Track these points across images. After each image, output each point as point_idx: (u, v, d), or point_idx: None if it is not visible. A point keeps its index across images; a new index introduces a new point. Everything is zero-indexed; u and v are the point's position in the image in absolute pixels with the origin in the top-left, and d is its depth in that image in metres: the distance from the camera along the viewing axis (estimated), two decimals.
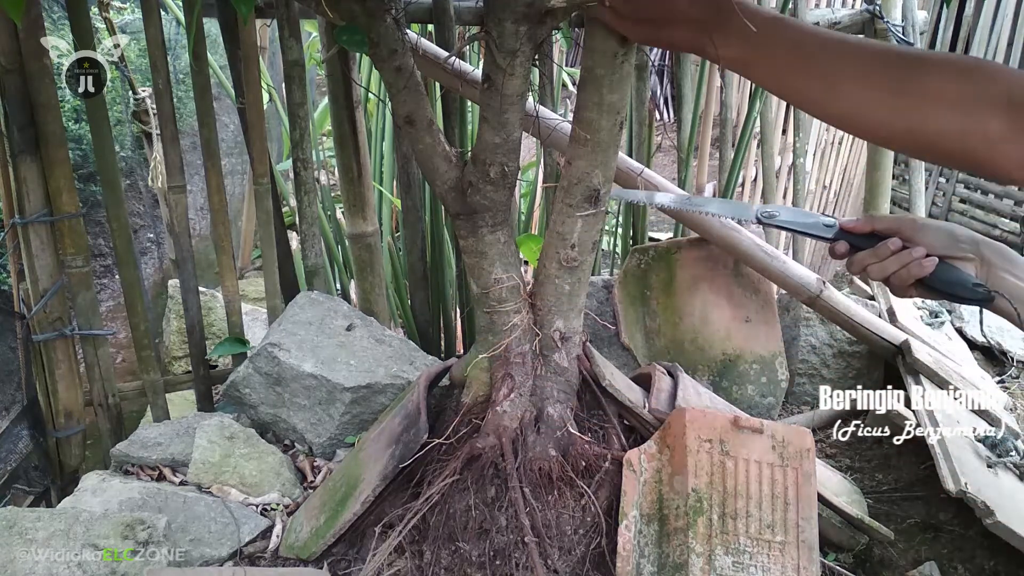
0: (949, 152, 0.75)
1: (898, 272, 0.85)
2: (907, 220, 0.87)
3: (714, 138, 2.64)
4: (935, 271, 0.84)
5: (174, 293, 2.74)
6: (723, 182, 2.27)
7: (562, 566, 1.21)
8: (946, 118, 0.73)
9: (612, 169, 1.15)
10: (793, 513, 1.19)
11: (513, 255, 1.25)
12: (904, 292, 0.88)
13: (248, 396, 1.75)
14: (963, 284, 0.84)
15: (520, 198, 2.89)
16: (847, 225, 0.90)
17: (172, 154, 1.79)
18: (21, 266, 1.72)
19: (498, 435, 1.25)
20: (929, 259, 0.84)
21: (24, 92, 1.55)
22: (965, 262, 0.84)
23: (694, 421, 1.23)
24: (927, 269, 0.84)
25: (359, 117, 1.88)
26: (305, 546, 1.36)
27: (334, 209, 2.74)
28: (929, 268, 0.84)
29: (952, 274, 0.84)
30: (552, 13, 0.96)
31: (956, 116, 0.73)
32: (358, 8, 1.00)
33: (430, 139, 1.13)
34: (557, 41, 2.59)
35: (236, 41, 1.79)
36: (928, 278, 0.84)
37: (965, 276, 0.84)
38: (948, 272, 0.84)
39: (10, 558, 1.20)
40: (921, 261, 0.84)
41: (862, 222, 0.89)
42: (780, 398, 1.94)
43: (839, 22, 2.21)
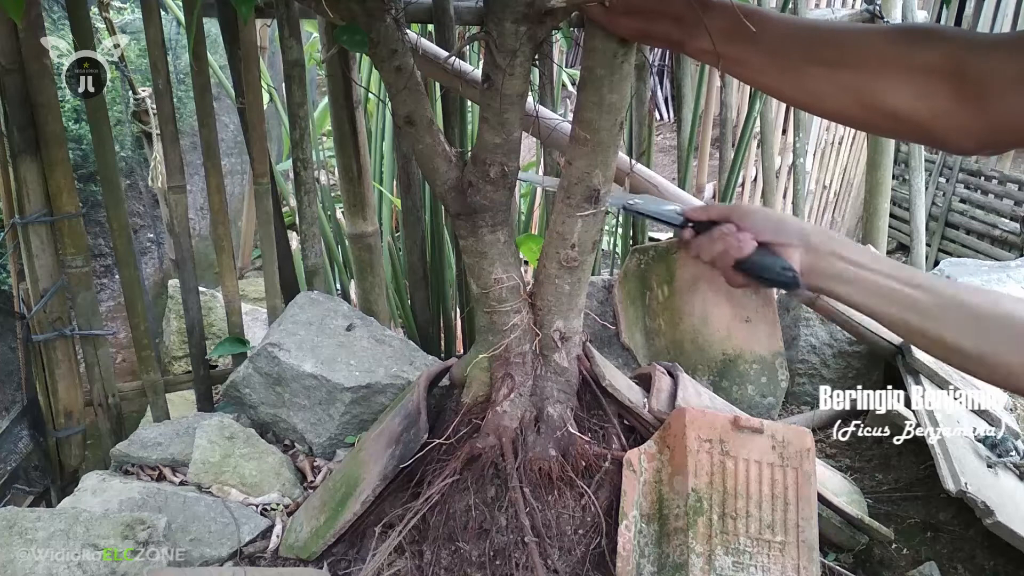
0: (906, 125, 0.74)
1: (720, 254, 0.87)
2: (739, 208, 0.88)
3: (714, 138, 2.64)
4: (751, 255, 0.85)
5: (174, 293, 2.74)
6: (723, 182, 2.27)
7: (562, 566, 1.21)
8: (900, 90, 0.72)
9: (612, 169, 1.15)
10: (793, 513, 1.19)
11: (513, 255, 1.24)
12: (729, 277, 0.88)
13: (248, 396, 1.75)
14: (771, 268, 0.84)
15: (520, 198, 2.89)
16: (688, 212, 0.92)
17: (172, 154, 1.79)
18: (21, 266, 1.72)
19: (498, 435, 1.25)
20: (747, 243, 0.85)
21: (24, 92, 1.55)
22: (788, 248, 0.84)
23: (694, 421, 1.23)
24: (743, 251, 0.85)
25: (359, 117, 1.88)
26: (305, 546, 1.36)
27: (334, 209, 2.74)
28: (745, 250, 0.85)
29: (765, 259, 0.85)
30: (552, 13, 0.96)
31: (909, 87, 0.72)
32: (358, 8, 1.00)
33: (430, 139, 1.13)
34: (557, 41, 2.59)
35: (236, 41, 1.79)
36: (743, 261, 0.85)
37: (775, 260, 0.84)
38: (762, 256, 0.85)
39: (10, 558, 1.20)
40: (740, 243, 0.85)
41: (700, 210, 0.91)
42: (780, 398, 1.94)
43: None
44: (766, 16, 0.81)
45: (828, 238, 0.83)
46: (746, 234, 0.85)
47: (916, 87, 0.71)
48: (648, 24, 0.88)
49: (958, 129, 0.71)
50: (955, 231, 5.22)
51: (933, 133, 0.73)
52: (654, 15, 0.87)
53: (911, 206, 2.44)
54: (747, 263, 0.85)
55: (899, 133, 0.80)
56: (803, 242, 0.83)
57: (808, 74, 0.78)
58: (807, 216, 3.30)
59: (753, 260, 0.85)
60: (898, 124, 0.75)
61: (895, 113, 0.74)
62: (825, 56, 0.77)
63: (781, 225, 0.85)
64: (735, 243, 0.85)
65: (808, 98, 0.81)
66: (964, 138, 0.71)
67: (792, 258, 0.83)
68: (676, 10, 0.84)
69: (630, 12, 0.88)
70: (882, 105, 0.74)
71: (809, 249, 0.83)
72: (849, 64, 0.75)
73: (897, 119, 0.74)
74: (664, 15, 0.86)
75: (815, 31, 0.80)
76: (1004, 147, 0.72)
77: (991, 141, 0.70)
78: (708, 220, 0.90)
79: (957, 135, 0.71)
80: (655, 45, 0.98)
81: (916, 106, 0.72)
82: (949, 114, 0.70)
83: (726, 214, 0.87)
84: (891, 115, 0.74)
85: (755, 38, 0.78)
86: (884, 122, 0.76)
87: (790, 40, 0.79)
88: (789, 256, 0.83)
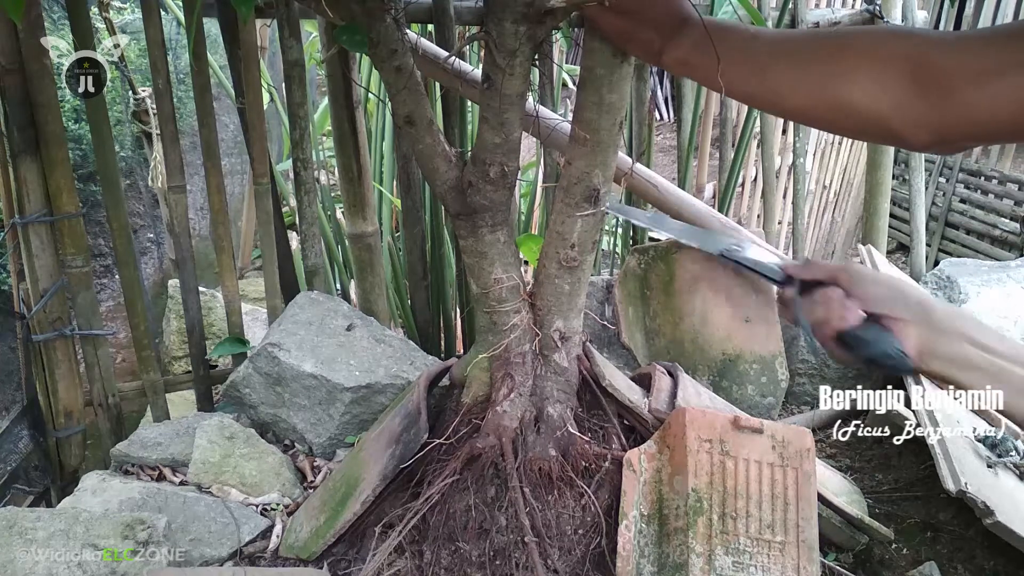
0: (865, 120, 0.73)
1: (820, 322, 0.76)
2: (850, 269, 0.77)
3: (714, 138, 2.64)
4: (856, 327, 0.73)
5: (174, 293, 2.74)
6: (723, 182, 2.27)
7: (562, 566, 1.21)
8: (862, 83, 0.72)
9: (612, 169, 1.15)
10: (793, 513, 1.19)
11: (513, 255, 1.25)
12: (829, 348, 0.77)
13: (248, 396, 1.75)
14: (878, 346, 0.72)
15: (520, 198, 2.89)
16: (789, 269, 0.82)
17: (172, 154, 1.79)
18: (21, 266, 1.72)
19: (498, 435, 1.25)
20: (852, 312, 0.74)
21: (24, 92, 1.55)
22: (902, 324, 0.72)
23: (694, 421, 1.23)
24: (847, 322, 0.74)
25: (359, 117, 1.88)
26: (305, 546, 1.36)
27: (334, 209, 2.74)
28: (849, 321, 0.74)
29: (872, 334, 0.73)
30: (552, 13, 0.96)
31: (871, 80, 0.71)
32: (358, 8, 1.00)
33: (430, 139, 1.13)
34: (557, 41, 2.59)
35: (236, 41, 1.79)
36: (845, 333, 0.74)
37: (885, 338, 0.72)
38: (869, 331, 0.73)
39: (10, 558, 1.20)
40: (843, 313, 0.74)
41: (802, 267, 0.81)
42: (780, 398, 1.94)
43: (839, 22, 2.22)
44: (731, 27, 0.82)
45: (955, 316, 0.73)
46: (854, 301, 0.75)
47: (878, 80, 0.71)
48: (634, 28, 0.89)
49: (915, 122, 0.69)
50: (955, 231, 5.21)
51: (891, 127, 0.71)
52: (641, 20, 0.88)
53: (911, 206, 2.44)
54: (850, 336, 0.74)
55: (859, 130, 0.78)
56: (923, 318, 0.72)
57: (772, 72, 0.78)
58: (807, 216, 3.30)
59: (857, 334, 0.73)
60: (858, 119, 0.74)
61: (856, 107, 0.73)
62: (791, 53, 0.77)
63: (897, 296, 0.74)
64: (839, 312, 0.74)
65: (772, 96, 0.80)
66: (920, 131, 0.70)
67: (906, 335, 0.71)
68: (661, 18, 0.86)
69: (620, 13, 0.89)
70: (845, 99, 0.73)
71: (930, 327, 0.72)
72: (816, 59, 0.75)
73: (858, 114, 0.73)
74: (649, 22, 0.87)
75: (783, 34, 0.81)
76: (958, 142, 0.70)
77: (946, 135, 0.69)
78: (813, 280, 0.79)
79: (914, 128, 0.70)
80: (633, 51, 0.97)
81: (877, 99, 0.71)
82: (907, 107, 0.69)
83: (834, 275, 0.77)
84: (852, 109, 0.73)
85: (723, 49, 0.79)
86: (845, 119, 0.75)
87: (756, 43, 0.79)
88: (901, 333, 0.72)
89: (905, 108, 0.69)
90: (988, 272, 2.42)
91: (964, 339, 0.70)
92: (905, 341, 0.72)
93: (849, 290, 0.75)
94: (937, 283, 2.37)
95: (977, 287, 2.29)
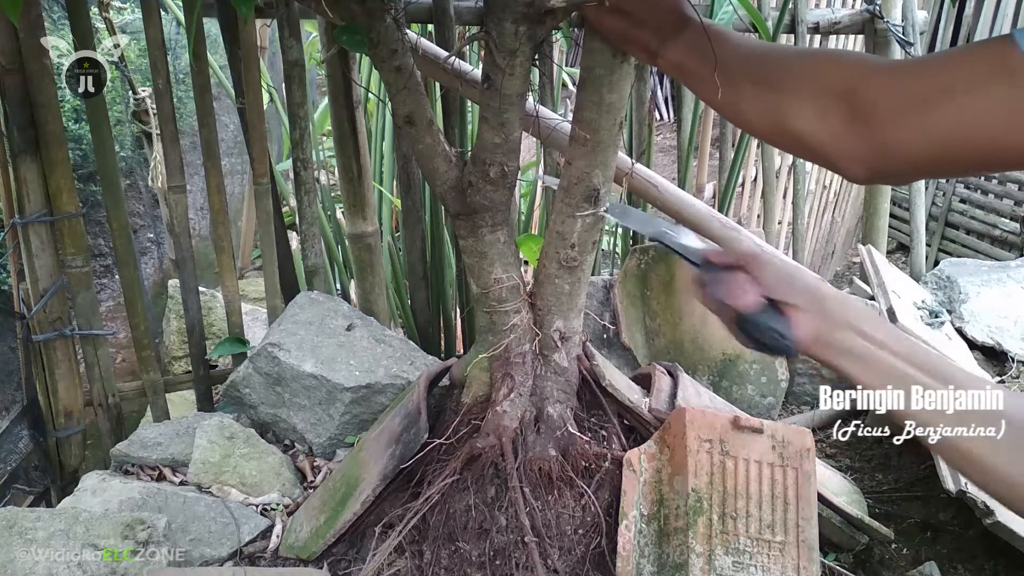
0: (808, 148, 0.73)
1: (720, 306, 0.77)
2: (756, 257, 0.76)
3: (714, 138, 2.64)
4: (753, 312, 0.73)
5: (174, 293, 2.74)
6: (723, 182, 2.27)
7: (562, 566, 1.21)
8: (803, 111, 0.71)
9: (612, 169, 1.15)
10: (793, 513, 1.19)
11: (513, 255, 1.24)
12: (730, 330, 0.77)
13: (248, 396, 1.75)
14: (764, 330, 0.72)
15: (520, 198, 2.89)
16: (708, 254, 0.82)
17: (172, 154, 1.79)
18: (21, 266, 1.72)
19: (498, 435, 1.25)
20: (751, 297, 0.74)
21: (24, 92, 1.55)
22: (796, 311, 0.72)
23: (694, 421, 1.23)
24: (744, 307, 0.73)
25: (359, 117, 1.88)
26: (305, 546, 1.36)
27: (334, 209, 2.73)
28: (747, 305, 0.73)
29: (762, 319, 0.73)
30: (552, 13, 0.96)
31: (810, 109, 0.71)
32: (358, 8, 1.00)
33: (430, 139, 1.13)
34: (557, 41, 2.59)
35: (236, 41, 1.79)
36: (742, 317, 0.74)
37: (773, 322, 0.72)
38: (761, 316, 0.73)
39: (10, 558, 1.20)
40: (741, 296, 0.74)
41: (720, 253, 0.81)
42: (780, 398, 1.94)
43: (839, 22, 2.21)
44: (727, 36, 0.81)
45: (847, 307, 0.72)
46: (756, 288, 0.74)
47: (816, 108, 0.70)
48: (632, 28, 0.89)
49: (848, 154, 0.69)
50: (955, 231, 5.21)
51: (829, 157, 0.71)
52: (639, 21, 0.88)
53: (911, 206, 2.44)
54: (745, 318, 0.74)
55: (805, 155, 0.78)
56: (815, 306, 0.72)
57: (740, 92, 0.78)
58: (807, 216, 3.30)
59: (750, 317, 0.73)
60: (802, 146, 0.74)
61: (798, 134, 0.72)
62: (756, 76, 0.77)
63: (793, 283, 0.73)
64: (738, 295, 0.74)
65: (737, 116, 0.81)
66: (855, 164, 0.69)
67: (797, 322, 0.71)
68: (659, 19, 0.86)
69: (619, 13, 0.89)
70: (789, 126, 0.73)
71: (822, 315, 0.71)
72: (770, 84, 0.75)
73: (800, 141, 0.73)
74: (647, 22, 0.87)
75: (762, 53, 0.80)
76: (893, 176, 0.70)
77: (880, 168, 0.68)
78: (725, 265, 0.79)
79: (848, 160, 0.69)
80: (631, 52, 0.97)
81: (815, 128, 0.70)
82: (841, 137, 0.68)
83: (742, 261, 0.77)
84: (796, 136, 0.73)
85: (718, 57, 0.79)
86: (796, 144, 0.75)
87: (739, 59, 0.79)
88: (793, 319, 0.71)
89: (840, 139, 0.69)
90: (988, 272, 2.42)
91: (853, 330, 0.70)
92: (795, 327, 0.71)
93: (753, 276, 0.75)
94: (937, 283, 2.37)
95: (977, 287, 2.29)
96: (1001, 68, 0.57)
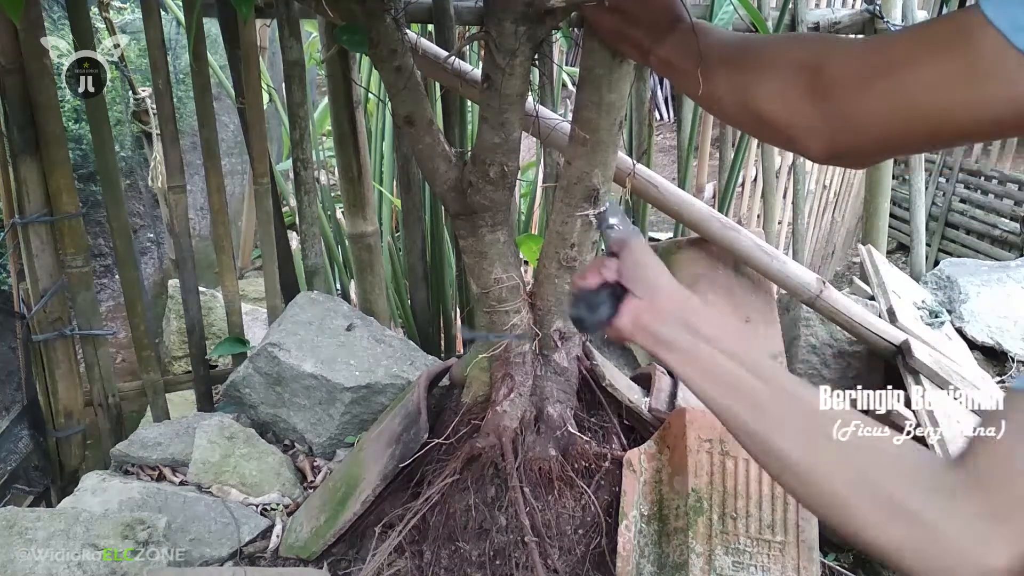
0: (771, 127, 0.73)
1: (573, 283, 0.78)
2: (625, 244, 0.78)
3: (714, 138, 2.64)
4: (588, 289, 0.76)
5: (174, 293, 2.74)
6: (723, 182, 2.27)
7: (562, 566, 1.21)
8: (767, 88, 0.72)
9: (611, 169, 1.15)
10: (793, 513, 1.19)
11: (513, 255, 1.25)
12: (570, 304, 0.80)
13: (248, 396, 1.75)
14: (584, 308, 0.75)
15: (520, 198, 2.89)
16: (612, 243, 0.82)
17: (172, 154, 1.79)
18: (21, 266, 1.72)
19: (498, 435, 1.25)
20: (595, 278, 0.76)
21: (24, 92, 1.55)
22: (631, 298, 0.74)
23: (694, 421, 1.23)
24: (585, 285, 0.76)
25: (359, 117, 1.88)
26: (305, 546, 1.36)
27: (334, 209, 2.74)
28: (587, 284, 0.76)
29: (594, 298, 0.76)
30: (552, 13, 0.96)
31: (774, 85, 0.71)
32: (358, 8, 1.00)
33: (430, 139, 1.13)
34: (557, 41, 2.59)
35: (236, 41, 1.79)
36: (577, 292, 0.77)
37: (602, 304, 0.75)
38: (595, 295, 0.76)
39: (10, 558, 1.20)
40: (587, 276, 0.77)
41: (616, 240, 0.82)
42: None
43: (839, 22, 2.21)
44: (713, 31, 0.82)
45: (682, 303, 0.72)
46: (609, 271, 0.76)
47: (778, 86, 0.70)
48: (625, 26, 0.90)
49: (808, 130, 0.69)
50: (955, 231, 5.21)
51: (790, 135, 0.71)
52: (632, 19, 0.89)
53: (911, 206, 2.44)
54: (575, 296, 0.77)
55: (772, 139, 0.77)
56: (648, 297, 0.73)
57: (716, 80, 0.78)
58: (807, 216, 3.30)
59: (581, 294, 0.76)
60: (768, 127, 0.74)
61: (764, 114, 0.73)
62: (729, 61, 0.77)
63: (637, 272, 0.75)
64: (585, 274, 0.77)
65: (712, 103, 0.81)
66: (814, 140, 0.69)
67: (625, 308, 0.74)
68: (653, 18, 0.86)
69: (614, 11, 0.89)
70: (752, 104, 0.73)
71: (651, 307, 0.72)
72: (738, 66, 0.76)
73: (762, 119, 0.73)
74: (641, 21, 0.88)
75: (740, 40, 0.81)
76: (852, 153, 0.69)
77: (838, 144, 0.68)
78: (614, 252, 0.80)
79: (807, 136, 0.69)
80: (624, 50, 0.97)
81: (779, 106, 0.71)
82: (801, 115, 0.69)
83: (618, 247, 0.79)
84: (758, 114, 0.73)
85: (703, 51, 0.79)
86: (761, 127, 0.75)
87: (719, 50, 0.79)
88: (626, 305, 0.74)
89: (800, 116, 0.69)
90: (988, 272, 2.42)
91: (681, 324, 0.71)
92: (622, 313, 0.74)
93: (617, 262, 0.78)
94: (937, 283, 2.37)
95: (977, 287, 2.29)
96: (959, 33, 0.56)
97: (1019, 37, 0.52)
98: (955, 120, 0.58)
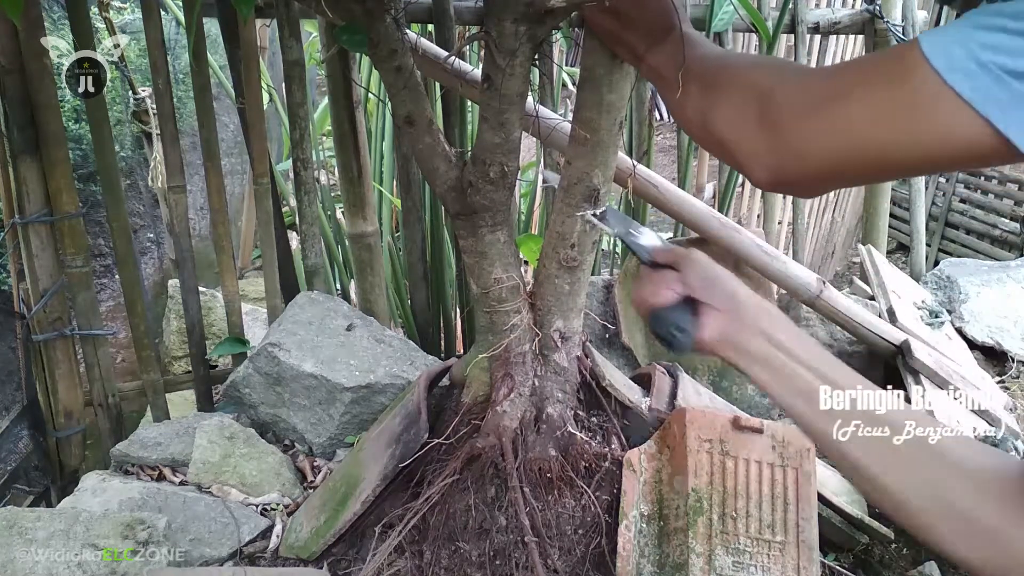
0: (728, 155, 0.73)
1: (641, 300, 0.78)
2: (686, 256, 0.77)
3: None
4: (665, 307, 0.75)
5: (174, 293, 2.74)
6: (723, 182, 2.27)
7: (562, 566, 1.21)
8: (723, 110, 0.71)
9: (612, 169, 1.15)
10: (793, 513, 1.19)
11: (513, 255, 1.24)
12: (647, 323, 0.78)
13: (248, 396, 1.75)
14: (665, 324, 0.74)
15: (520, 198, 2.89)
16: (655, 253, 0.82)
17: (172, 154, 1.79)
18: (21, 266, 1.72)
19: (498, 435, 1.25)
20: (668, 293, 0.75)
21: (24, 92, 1.55)
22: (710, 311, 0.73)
23: (694, 421, 1.23)
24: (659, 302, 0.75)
25: (359, 117, 1.88)
26: (305, 546, 1.36)
27: (334, 209, 2.74)
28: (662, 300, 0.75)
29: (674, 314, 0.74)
30: (552, 13, 0.96)
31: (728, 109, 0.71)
32: (358, 8, 1.00)
33: (430, 139, 1.13)
34: (557, 41, 2.59)
35: (236, 41, 1.79)
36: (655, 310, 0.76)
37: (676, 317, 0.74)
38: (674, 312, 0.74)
39: (10, 558, 1.20)
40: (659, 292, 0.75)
41: (664, 252, 0.81)
42: None
43: (839, 22, 2.21)
44: (700, 44, 0.82)
45: (763, 314, 0.72)
46: (676, 285, 0.75)
47: (734, 110, 0.70)
48: (622, 29, 0.90)
49: (754, 156, 0.69)
50: (955, 231, 5.21)
51: (737, 158, 0.71)
52: (630, 22, 0.88)
53: (911, 206, 2.44)
54: (655, 314, 0.76)
55: (724, 157, 0.77)
56: (729, 310, 0.73)
57: (688, 95, 0.78)
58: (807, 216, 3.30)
59: (661, 312, 0.75)
60: (720, 147, 0.74)
61: (716, 134, 0.73)
62: (702, 78, 0.77)
63: (712, 285, 0.74)
64: (657, 291, 0.76)
65: (683, 120, 0.81)
66: (759, 167, 0.69)
67: (707, 322, 0.73)
68: (648, 24, 0.86)
69: (612, 13, 0.89)
70: (711, 126, 0.73)
71: (733, 319, 0.72)
72: (707, 84, 0.76)
73: (719, 142, 0.73)
74: (637, 26, 0.87)
75: (718, 57, 0.80)
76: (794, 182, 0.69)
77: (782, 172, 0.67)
78: (663, 264, 0.80)
79: (753, 163, 0.69)
80: (619, 53, 0.97)
81: (729, 128, 0.71)
82: (749, 140, 0.68)
83: (675, 260, 0.78)
84: (715, 136, 0.73)
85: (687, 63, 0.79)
86: (713, 144, 0.75)
87: (699, 65, 0.79)
88: (707, 319, 0.73)
89: (747, 141, 0.69)
90: (988, 272, 2.42)
91: (763, 335, 0.70)
92: (704, 327, 0.73)
93: (681, 275, 0.77)
94: (937, 283, 2.37)
95: (977, 287, 2.29)
96: (900, 68, 0.56)
97: (955, 78, 0.51)
98: (891, 156, 0.58)
